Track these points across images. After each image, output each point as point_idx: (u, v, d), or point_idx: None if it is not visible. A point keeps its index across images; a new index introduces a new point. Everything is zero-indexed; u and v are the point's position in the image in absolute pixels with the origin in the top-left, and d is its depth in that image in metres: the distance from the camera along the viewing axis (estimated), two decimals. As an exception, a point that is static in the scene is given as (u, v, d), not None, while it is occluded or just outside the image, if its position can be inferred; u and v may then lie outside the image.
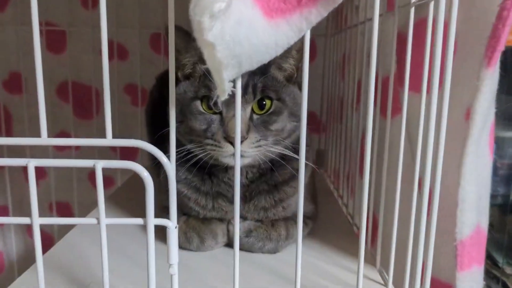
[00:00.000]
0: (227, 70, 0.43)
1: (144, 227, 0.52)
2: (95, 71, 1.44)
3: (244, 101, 0.73)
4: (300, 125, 0.54)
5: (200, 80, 0.76)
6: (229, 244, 0.85)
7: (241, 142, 0.71)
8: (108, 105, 0.53)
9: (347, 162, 1.14)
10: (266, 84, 0.76)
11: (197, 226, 0.83)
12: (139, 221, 0.52)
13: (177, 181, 0.83)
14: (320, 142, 1.51)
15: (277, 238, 0.83)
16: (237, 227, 0.59)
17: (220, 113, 0.74)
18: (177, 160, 0.82)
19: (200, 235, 0.82)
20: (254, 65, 0.45)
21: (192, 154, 0.77)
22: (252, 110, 0.75)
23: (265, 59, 0.46)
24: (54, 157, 1.52)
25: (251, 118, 0.75)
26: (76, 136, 1.53)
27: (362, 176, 0.65)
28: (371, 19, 0.64)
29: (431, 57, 0.60)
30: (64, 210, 1.57)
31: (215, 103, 0.72)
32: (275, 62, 0.78)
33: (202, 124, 0.75)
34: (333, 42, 1.33)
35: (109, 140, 0.52)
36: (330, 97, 1.37)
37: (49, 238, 1.51)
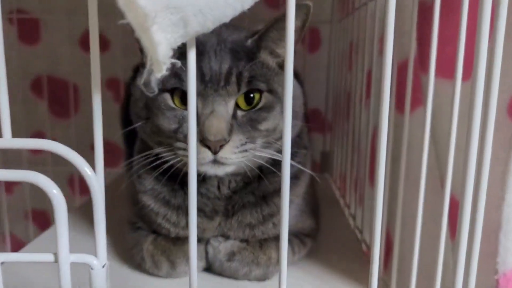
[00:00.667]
0: (163, 29, 0.27)
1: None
2: (72, 64, 1.30)
3: (226, 93, 0.59)
4: (283, 122, 0.38)
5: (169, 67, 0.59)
6: (209, 269, 0.69)
7: (222, 146, 0.57)
8: (5, 97, 0.36)
9: (355, 166, 0.98)
10: (254, 72, 0.60)
11: (167, 248, 0.67)
12: (48, 257, 0.36)
13: (143, 192, 0.68)
14: (325, 142, 1.35)
15: (266, 263, 0.67)
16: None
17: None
18: (143, 166, 0.67)
19: (171, 259, 0.66)
20: (209, 24, 0.30)
21: (161, 160, 0.62)
22: (237, 105, 0.60)
23: (227, 15, 0.30)
24: (29, 161, 1.38)
25: (234, 115, 0.59)
26: (53, 137, 1.38)
27: (373, 183, 0.49)
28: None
29: (470, 30, 0.44)
30: (41, 218, 1.42)
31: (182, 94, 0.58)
32: (266, 46, 0.62)
33: (171, 123, 0.59)
34: (339, 28, 1.18)
35: (7, 141, 0.36)
36: (336, 92, 1.21)
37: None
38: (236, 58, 0.60)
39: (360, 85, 0.92)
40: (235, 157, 0.58)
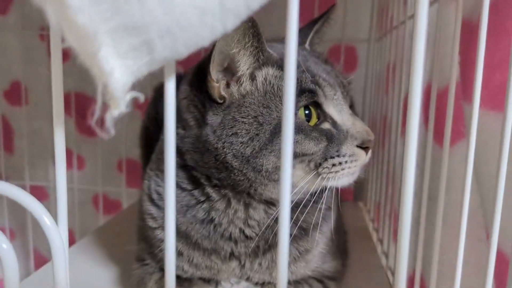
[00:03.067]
0: (121, 56, 0.21)
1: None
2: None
3: (346, 96, 0.60)
4: (283, 130, 0.31)
5: (281, 88, 0.56)
6: (218, 313, 0.62)
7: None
8: None
9: (389, 197, 0.89)
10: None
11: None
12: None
13: (160, 228, 0.62)
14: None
15: (282, 310, 0.59)
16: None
17: (329, 120, 0.57)
18: (183, 206, 0.60)
19: (177, 302, 0.60)
20: (180, 49, 0.24)
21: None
22: None
23: (204, 38, 0.24)
24: (54, 176, 1.36)
25: None
26: (80, 155, 1.36)
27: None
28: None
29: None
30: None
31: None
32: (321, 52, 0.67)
33: (320, 142, 0.55)
34: (377, 48, 1.09)
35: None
36: (373, 116, 1.13)
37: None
38: (324, 63, 0.62)
39: (396, 111, 0.84)
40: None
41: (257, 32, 0.52)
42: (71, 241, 1.34)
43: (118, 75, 0.22)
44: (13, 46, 1.33)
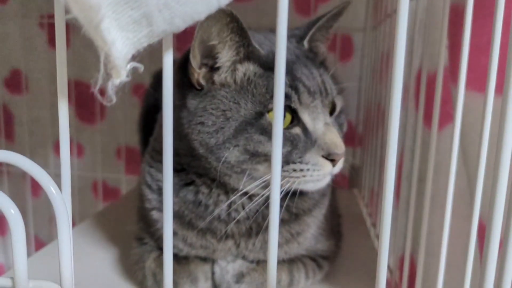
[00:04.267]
0: (122, 28, 0.23)
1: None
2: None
3: (327, 103, 0.60)
4: (274, 123, 0.33)
5: (257, 87, 0.56)
6: (216, 289, 0.65)
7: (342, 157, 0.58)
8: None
9: (382, 183, 0.91)
10: (333, 79, 0.62)
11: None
12: (5, 282, 0.32)
13: (161, 210, 0.64)
14: (354, 156, 1.28)
15: (276, 286, 0.62)
16: None
17: (301, 125, 0.57)
18: (175, 187, 0.62)
19: (174, 279, 0.62)
20: (178, 22, 0.25)
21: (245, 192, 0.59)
22: None
23: (199, 12, 0.26)
24: (55, 163, 1.38)
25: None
26: (79, 143, 1.38)
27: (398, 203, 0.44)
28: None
29: (505, 38, 0.38)
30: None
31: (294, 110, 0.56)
32: (315, 47, 0.65)
33: (283, 146, 0.54)
34: (373, 37, 1.11)
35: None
36: (368, 104, 1.15)
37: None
38: (316, 66, 0.60)
39: (390, 98, 0.86)
40: (342, 165, 0.59)
41: (237, 27, 0.52)
42: (72, 227, 1.36)
43: (120, 45, 0.24)
44: (13, 35, 1.34)
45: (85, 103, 1.35)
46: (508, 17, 0.39)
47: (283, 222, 0.62)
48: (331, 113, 0.61)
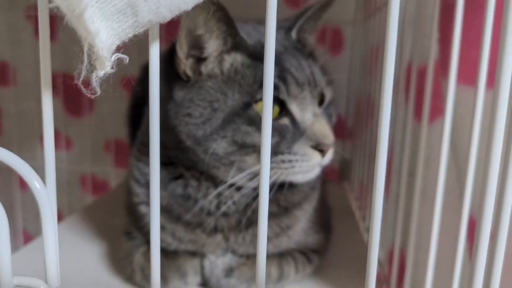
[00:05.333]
0: (107, 17, 0.23)
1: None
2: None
3: (316, 94, 0.59)
4: (263, 116, 0.33)
5: (245, 77, 0.56)
6: (204, 284, 0.64)
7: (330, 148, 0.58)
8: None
9: (372, 176, 0.91)
10: (322, 70, 0.62)
11: (160, 261, 0.62)
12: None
13: (145, 203, 0.64)
14: (344, 149, 1.28)
15: (265, 280, 0.61)
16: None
17: (290, 116, 0.56)
18: (164, 181, 0.61)
19: (163, 274, 0.61)
20: (164, 12, 0.25)
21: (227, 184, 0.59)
22: None
23: (187, 2, 0.25)
24: (43, 157, 1.36)
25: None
26: (67, 136, 1.36)
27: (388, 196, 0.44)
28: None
29: (495, 32, 0.38)
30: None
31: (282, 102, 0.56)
32: (303, 38, 0.65)
33: (272, 137, 0.55)
34: (363, 30, 1.11)
35: None
36: (358, 97, 1.14)
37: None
38: (305, 57, 0.60)
39: (379, 92, 0.86)
40: (332, 156, 0.59)
41: (224, 16, 0.52)
42: (60, 221, 1.35)
43: (104, 35, 0.23)
44: (0, 27, 1.32)
45: (73, 96, 1.33)
46: (499, 9, 0.39)
47: (272, 215, 0.62)
48: (320, 104, 0.61)
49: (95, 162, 1.35)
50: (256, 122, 0.54)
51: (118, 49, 0.26)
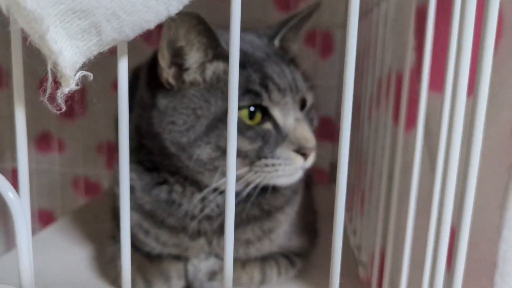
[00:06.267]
0: (72, 37, 0.24)
1: None
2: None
3: (298, 99, 0.61)
4: (229, 120, 0.34)
5: (227, 84, 0.57)
6: (189, 287, 0.65)
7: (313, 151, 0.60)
8: None
9: (361, 180, 0.92)
10: (304, 76, 0.64)
11: (143, 265, 0.64)
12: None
13: (135, 209, 0.64)
14: (334, 152, 1.29)
15: (248, 283, 0.63)
16: None
17: (272, 121, 0.58)
18: (147, 186, 0.63)
19: (147, 278, 0.63)
20: (127, 31, 0.26)
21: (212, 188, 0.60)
22: None
23: (148, 21, 0.26)
24: (36, 160, 1.37)
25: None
26: (60, 138, 1.37)
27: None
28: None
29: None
30: (47, 218, 1.41)
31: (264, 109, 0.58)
32: (287, 46, 0.66)
33: (254, 142, 0.57)
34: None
35: None
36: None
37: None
38: (286, 63, 0.61)
39: (364, 96, 0.87)
40: (314, 160, 0.60)
41: (205, 29, 0.53)
42: (52, 223, 1.36)
43: (67, 54, 0.24)
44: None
45: (66, 98, 1.34)
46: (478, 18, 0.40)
47: (254, 219, 0.63)
48: (302, 108, 0.62)
49: (88, 164, 1.36)
50: (239, 127, 0.55)
51: (83, 66, 0.27)
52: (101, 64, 0.33)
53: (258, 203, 0.63)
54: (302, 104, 0.62)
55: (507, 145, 0.47)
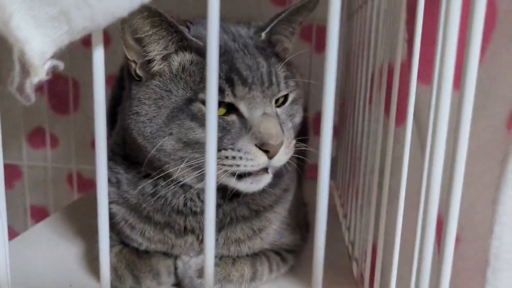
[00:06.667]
0: (42, 25, 0.22)
1: None
2: (72, 59, 1.26)
3: (271, 93, 0.58)
4: (207, 120, 0.32)
5: (192, 75, 0.56)
6: (178, 285, 0.64)
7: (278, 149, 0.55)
8: None
9: (356, 175, 0.92)
10: (286, 71, 0.61)
11: (131, 262, 0.63)
12: None
13: (120, 204, 0.63)
14: (331, 147, 1.27)
15: (238, 280, 0.62)
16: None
17: (238, 113, 0.56)
18: (133, 180, 0.63)
19: (135, 273, 0.62)
20: (99, 19, 0.25)
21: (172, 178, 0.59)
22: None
23: (122, 8, 0.25)
24: (29, 155, 1.36)
25: (276, 114, 0.59)
26: (53, 133, 1.36)
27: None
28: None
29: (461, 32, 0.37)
30: (39, 213, 1.40)
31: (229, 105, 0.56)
32: (278, 40, 0.63)
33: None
34: (347, 28, 1.11)
35: None
36: (342, 95, 1.14)
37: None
38: (266, 56, 0.59)
39: (359, 91, 0.86)
40: (286, 158, 0.57)
41: (160, 21, 0.52)
42: (45, 218, 1.35)
43: (35, 43, 0.23)
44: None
45: (58, 93, 1.33)
46: (465, 9, 0.39)
47: (243, 218, 0.62)
48: (283, 104, 0.61)
49: (81, 160, 1.34)
50: (199, 118, 0.54)
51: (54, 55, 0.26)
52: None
53: (246, 203, 0.63)
54: (284, 100, 0.60)
55: (500, 139, 0.46)
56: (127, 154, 0.63)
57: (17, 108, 1.31)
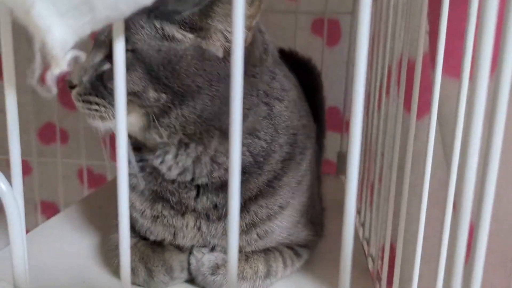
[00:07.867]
0: (62, 14, 0.21)
1: None
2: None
3: (102, 45, 0.58)
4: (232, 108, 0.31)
5: None
6: (192, 281, 0.64)
7: (73, 87, 0.62)
8: None
9: (370, 170, 0.90)
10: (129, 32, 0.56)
11: (146, 255, 0.62)
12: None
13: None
14: (342, 142, 1.26)
15: (252, 277, 0.61)
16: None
17: None
18: None
19: (148, 267, 0.61)
20: (122, 7, 0.24)
21: None
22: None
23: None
24: (38, 151, 1.35)
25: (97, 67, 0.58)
26: (63, 129, 1.35)
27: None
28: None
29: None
30: (50, 210, 1.40)
31: None
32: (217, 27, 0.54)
33: None
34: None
35: None
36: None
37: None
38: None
39: (373, 85, 0.84)
40: (80, 105, 0.61)
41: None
42: (55, 214, 1.35)
43: (57, 33, 0.22)
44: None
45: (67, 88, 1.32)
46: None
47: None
48: None
49: (91, 156, 1.34)
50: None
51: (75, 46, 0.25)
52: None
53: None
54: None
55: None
56: None
57: (26, 103, 1.31)
